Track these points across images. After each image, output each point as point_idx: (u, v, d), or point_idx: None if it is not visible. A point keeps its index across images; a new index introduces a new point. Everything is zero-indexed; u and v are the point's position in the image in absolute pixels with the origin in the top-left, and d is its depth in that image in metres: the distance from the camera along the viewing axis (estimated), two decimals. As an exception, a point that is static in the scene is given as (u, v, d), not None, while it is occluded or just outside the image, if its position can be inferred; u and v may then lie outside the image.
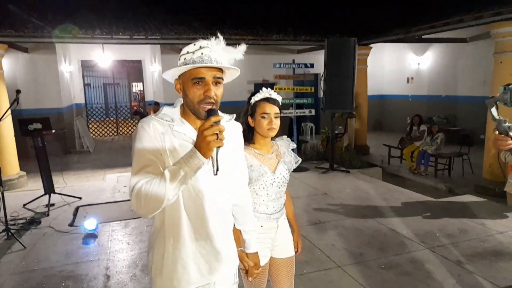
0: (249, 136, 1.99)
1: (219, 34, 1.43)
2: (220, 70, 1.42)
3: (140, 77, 14.45)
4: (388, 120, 13.27)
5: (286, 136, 2.14)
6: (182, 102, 1.49)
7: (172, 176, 1.27)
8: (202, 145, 1.25)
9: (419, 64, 11.80)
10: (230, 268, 1.59)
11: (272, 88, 2.03)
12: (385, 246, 3.95)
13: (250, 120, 1.97)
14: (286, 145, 2.10)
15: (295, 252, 2.17)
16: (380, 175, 7.42)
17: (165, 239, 1.45)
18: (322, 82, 6.99)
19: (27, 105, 8.76)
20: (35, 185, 6.47)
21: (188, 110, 1.45)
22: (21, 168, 6.92)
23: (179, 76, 1.45)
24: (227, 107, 1.48)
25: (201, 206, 1.44)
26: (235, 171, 1.59)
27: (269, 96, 1.95)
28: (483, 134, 9.56)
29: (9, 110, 4.56)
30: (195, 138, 1.38)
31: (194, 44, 1.40)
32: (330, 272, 3.45)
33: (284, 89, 7.97)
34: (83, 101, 12.66)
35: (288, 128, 8.27)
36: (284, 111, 7.61)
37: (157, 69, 11.37)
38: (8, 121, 6.24)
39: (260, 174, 1.92)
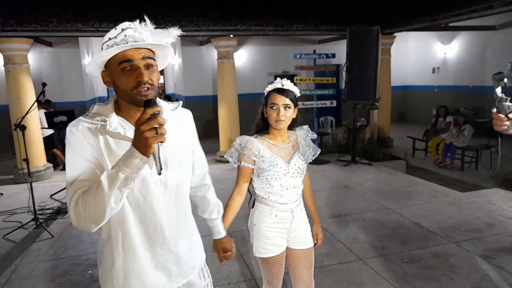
0: (264, 126, 1.98)
1: (146, 17, 1.27)
2: (151, 51, 1.25)
3: (160, 70, 14.59)
4: (412, 111, 12.94)
5: (306, 126, 2.11)
6: (115, 97, 1.32)
7: (110, 182, 1.11)
8: (139, 142, 1.09)
9: (445, 53, 11.41)
10: (193, 268, 1.49)
11: (292, 79, 2.00)
12: (407, 239, 3.88)
13: (264, 111, 1.97)
14: (304, 135, 2.07)
15: (315, 244, 2.15)
16: (403, 168, 7.27)
17: (113, 252, 1.32)
18: (344, 73, 6.87)
19: (52, 98, 8.99)
20: (61, 177, 6.66)
21: (124, 103, 1.28)
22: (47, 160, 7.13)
23: (105, 68, 1.27)
24: (248, 99, 1.42)
25: (152, 209, 1.31)
26: (186, 163, 1.43)
27: (280, 86, 1.91)
28: (513, 126, 9.23)
29: (36, 103, 4.69)
30: (127, 135, 1.25)
31: (115, 29, 1.24)
32: (351, 265, 3.41)
33: (305, 80, 7.88)
34: (105, 94, 12.91)
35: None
36: (305, 103, 7.55)
37: (177, 62, 11.44)
38: (35, 114, 6.43)
39: (271, 164, 1.90)
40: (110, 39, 1.23)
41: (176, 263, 1.40)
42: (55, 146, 7.54)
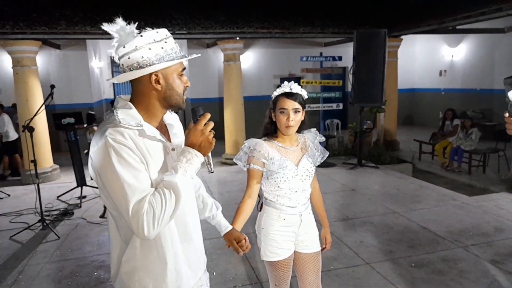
0: (272, 129, 1.98)
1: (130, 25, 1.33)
2: None
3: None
4: (419, 114, 12.87)
5: (314, 129, 2.10)
6: (128, 100, 1.34)
7: (184, 183, 1.21)
8: (203, 144, 1.25)
9: (452, 56, 11.34)
10: (205, 261, 1.59)
11: (298, 82, 1.99)
12: (415, 243, 3.84)
13: (272, 114, 1.96)
14: (313, 137, 2.06)
15: (323, 248, 2.14)
16: (410, 171, 7.22)
17: (164, 252, 1.33)
18: (350, 75, 6.85)
19: (59, 100, 9.06)
20: (68, 178, 6.71)
21: (156, 105, 1.32)
22: (54, 161, 7.18)
23: (158, 71, 1.29)
24: (254, 101, 1.43)
25: (182, 207, 1.35)
26: None
27: (288, 90, 1.90)
28: (521, 129, 9.13)
29: (44, 105, 4.72)
30: (161, 138, 1.31)
31: (157, 32, 1.27)
32: (358, 269, 3.38)
33: (311, 82, 7.87)
34: (112, 97, 12.98)
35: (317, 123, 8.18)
36: (312, 106, 7.54)
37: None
38: (43, 115, 6.47)
39: (280, 166, 1.89)
40: (155, 41, 1.25)
41: (197, 256, 1.49)
42: (17, 152, 7.37)
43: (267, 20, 7.50)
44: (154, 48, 1.24)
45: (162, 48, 1.26)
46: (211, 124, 1.25)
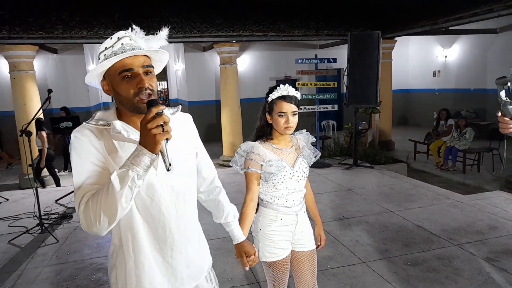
0: (268, 131, 2.00)
1: (134, 26, 1.28)
2: (148, 58, 1.28)
3: (164, 76, 14.69)
4: (413, 115, 12.98)
5: (305, 130, 2.15)
6: (116, 105, 1.35)
7: (121, 180, 1.12)
8: (147, 140, 1.11)
9: (446, 57, 11.46)
10: (202, 270, 1.51)
11: (294, 84, 2.02)
12: (410, 242, 3.89)
13: (268, 117, 1.98)
14: (305, 139, 2.11)
15: (318, 246, 2.18)
16: (405, 171, 7.29)
17: (124, 255, 1.33)
18: (345, 77, 6.92)
19: (57, 104, 9.06)
20: (66, 181, 6.72)
21: (125, 110, 1.30)
22: (53, 165, 7.18)
23: (104, 77, 1.29)
24: (250, 103, 1.45)
25: (159, 211, 1.31)
26: (191, 166, 1.46)
27: (286, 94, 1.92)
28: (515, 128, 9.22)
29: (41, 110, 4.75)
30: (132, 138, 1.26)
31: (111, 38, 1.26)
32: (355, 267, 3.43)
33: (307, 84, 7.93)
34: (110, 100, 13.00)
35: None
36: (307, 107, 7.60)
37: (180, 68, 11.52)
38: (40, 120, 6.49)
39: (278, 168, 1.92)
40: (106, 48, 1.25)
41: (187, 265, 1.41)
42: None
43: (263, 23, 7.56)
44: (100, 57, 1.26)
45: (105, 55, 1.24)
46: (160, 119, 1.10)
